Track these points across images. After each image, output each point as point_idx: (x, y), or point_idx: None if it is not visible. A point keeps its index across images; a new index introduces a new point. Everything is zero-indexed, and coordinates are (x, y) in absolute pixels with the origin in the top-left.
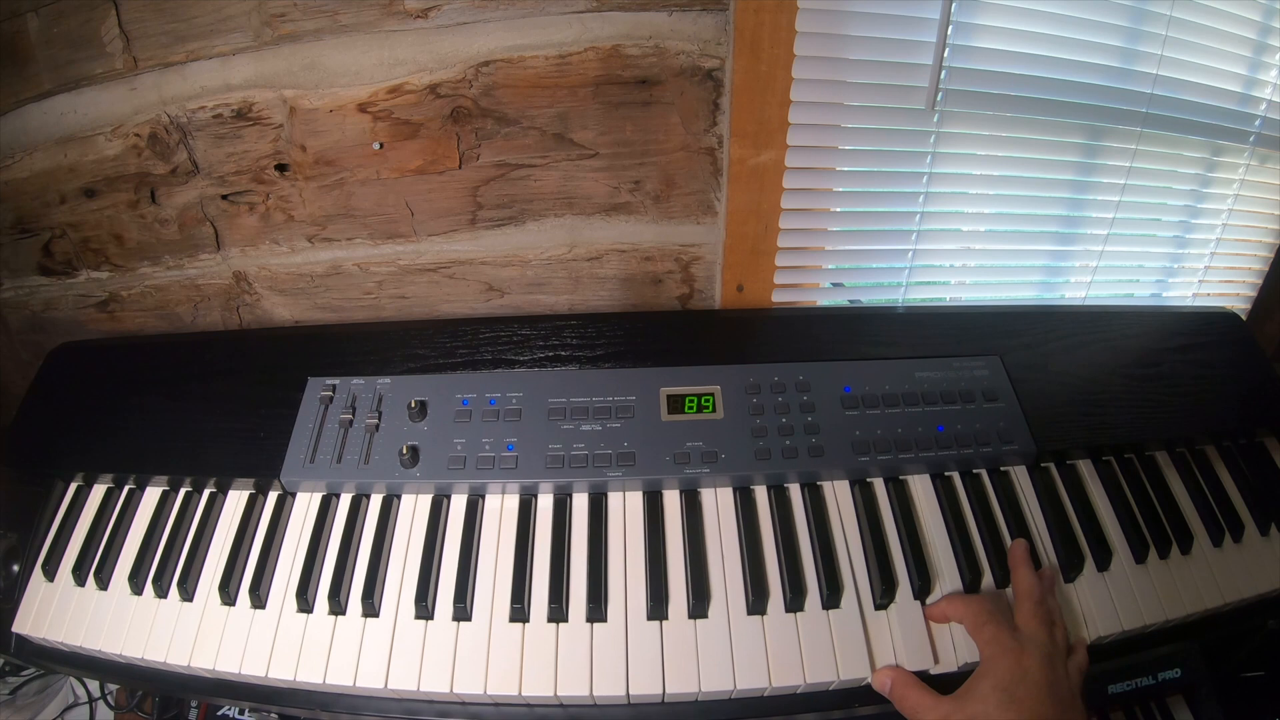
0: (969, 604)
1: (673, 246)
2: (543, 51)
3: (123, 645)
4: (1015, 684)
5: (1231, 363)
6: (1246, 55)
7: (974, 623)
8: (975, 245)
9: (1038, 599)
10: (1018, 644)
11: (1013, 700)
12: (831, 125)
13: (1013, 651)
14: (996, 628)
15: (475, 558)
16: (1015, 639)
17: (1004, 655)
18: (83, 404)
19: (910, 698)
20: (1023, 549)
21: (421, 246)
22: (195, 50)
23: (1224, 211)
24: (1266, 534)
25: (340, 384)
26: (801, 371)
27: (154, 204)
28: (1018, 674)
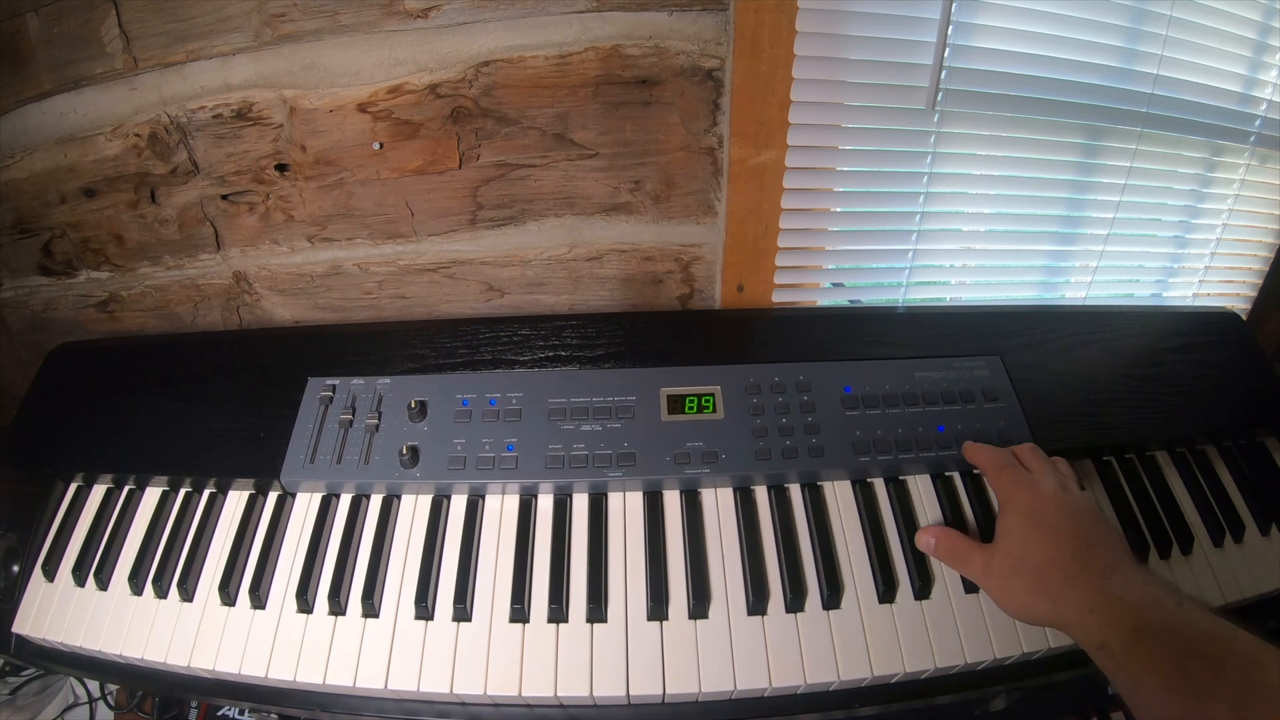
0: (992, 452)
1: (673, 246)
2: (543, 51)
3: (123, 645)
4: (1038, 509)
5: (1231, 363)
6: (1246, 55)
7: (994, 466)
8: (975, 245)
9: (1031, 447)
10: (1031, 479)
11: (1039, 523)
12: (831, 125)
13: (1028, 485)
14: (1013, 469)
15: (475, 558)
16: (1028, 475)
17: (1020, 489)
18: (83, 404)
19: (956, 549)
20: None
21: (421, 246)
22: (195, 50)
23: (1224, 211)
24: (1267, 534)
25: (340, 384)
26: (802, 371)
27: (154, 204)
28: (1037, 501)
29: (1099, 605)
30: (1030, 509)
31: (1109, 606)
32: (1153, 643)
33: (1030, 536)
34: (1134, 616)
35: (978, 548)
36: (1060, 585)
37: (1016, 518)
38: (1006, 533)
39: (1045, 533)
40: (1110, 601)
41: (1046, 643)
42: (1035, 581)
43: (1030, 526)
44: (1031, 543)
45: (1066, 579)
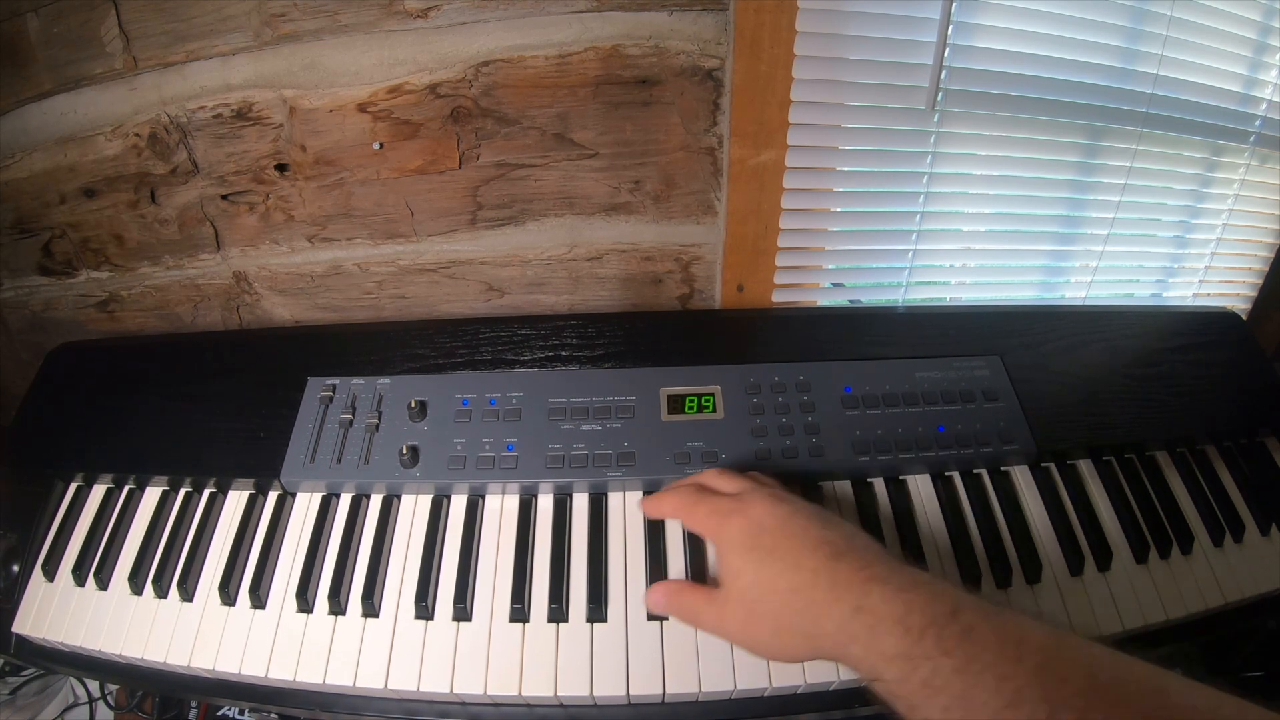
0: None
1: (673, 246)
2: (543, 51)
3: (123, 645)
4: (756, 536)
5: (1231, 363)
6: (1246, 55)
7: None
8: (975, 245)
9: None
10: (734, 502)
11: (766, 551)
12: (831, 125)
13: (734, 511)
14: (710, 501)
15: (475, 558)
16: (729, 499)
17: (728, 520)
18: (82, 404)
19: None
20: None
21: (421, 246)
22: (195, 50)
23: (1224, 211)
24: (1267, 534)
25: (340, 384)
26: (801, 371)
27: (154, 204)
28: (751, 527)
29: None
30: (747, 540)
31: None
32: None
33: (759, 573)
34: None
35: (707, 599)
36: (812, 617)
37: (737, 554)
38: (733, 576)
39: (775, 562)
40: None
41: None
42: (782, 624)
43: (757, 561)
44: (762, 580)
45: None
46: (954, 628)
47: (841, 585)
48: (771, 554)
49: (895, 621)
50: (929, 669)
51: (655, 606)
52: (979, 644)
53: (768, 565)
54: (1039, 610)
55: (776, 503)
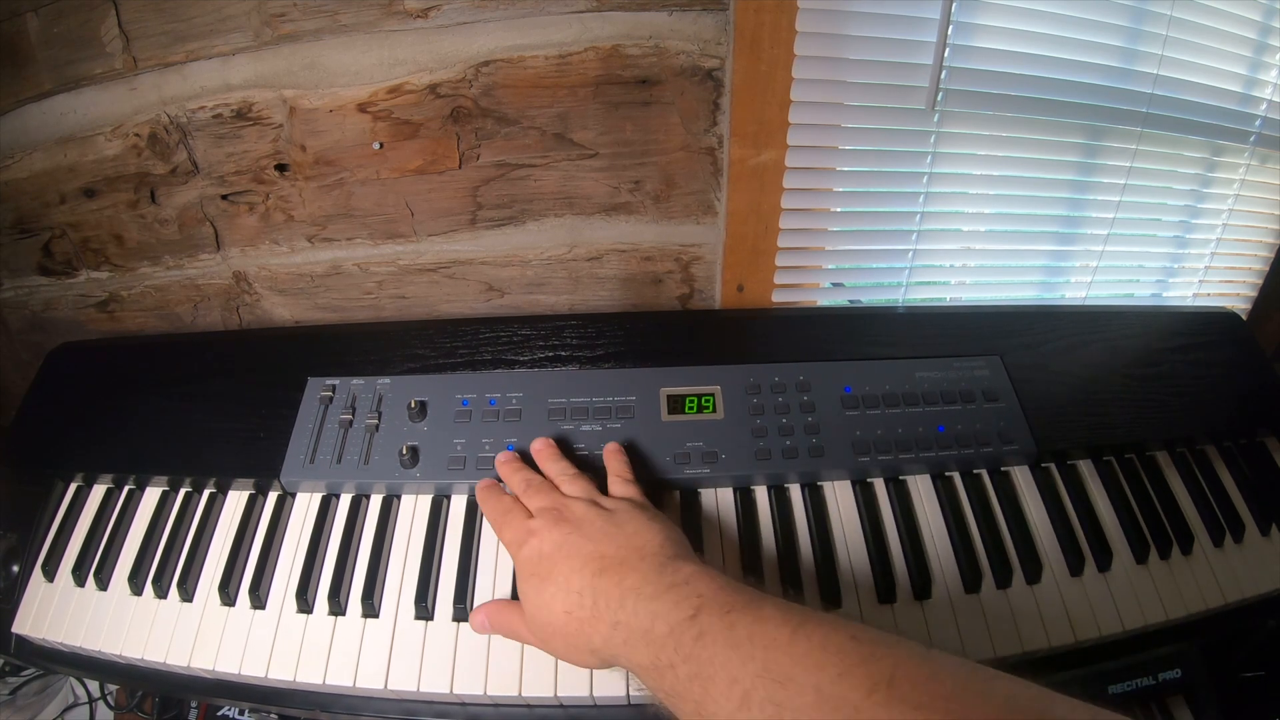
0: (494, 506)
1: (673, 246)
2: (543, 51)
3: (122, 646)
4: (535, 563)
5: (1231, 363)
6: (1246, 55)
7: (495, 524)
8: (975, 245)
9: (528, 483)
10: (526, 531)
11: (543, 578)
12: (831, 125)
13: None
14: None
15: (475, 558)
16: (525, 527)
17: (518, 549)
18: (83, 404)
19: (504, 621)
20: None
21: (421, 246)
22: (195, 50)
23: (1224, 211)
24: (1267, 534)
25: (340, 384)
26: (802, 371)
27: (154, 204)
28: (534, 556)
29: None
30: (530, 568)
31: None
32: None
33: (539, 597)
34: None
35: (519, 619)
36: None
37: (523, 580)
38: (525, 600)
39: (549, 585)
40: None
41: (1046, 642)
42: (566, 640)
43: (535, 586)
44: (542, 603)
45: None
46: (690, 633)
47: (602, 601)
48: (547, 579)
49: (642, 633)
50: (671, 677)
51: (479, 627)
52: (710, 647)
53: (543, 591)
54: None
55: (556, 524)
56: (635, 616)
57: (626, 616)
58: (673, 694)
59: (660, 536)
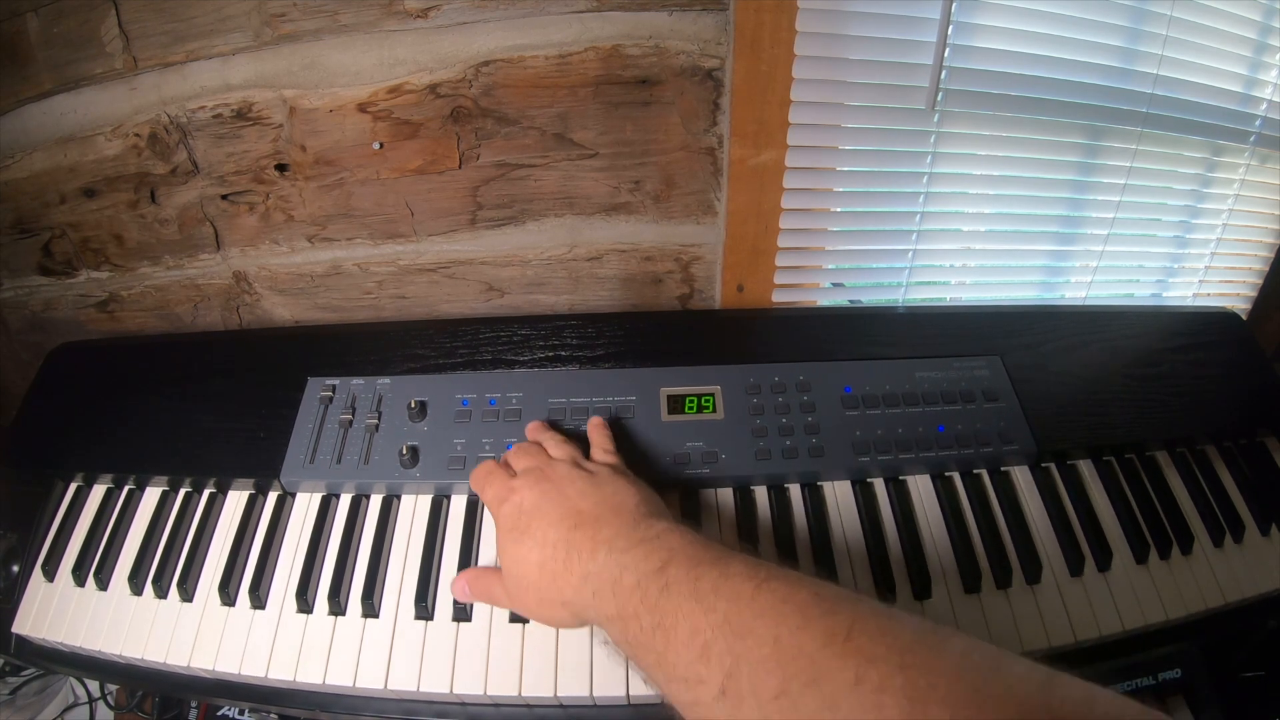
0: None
1: (673, 246)
2: (543, 51)
3: (122, 645)
4: (514, 518)
5: (1231, 363)
6: (1246, 55)
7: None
8: (975, 245)
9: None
10: (507, 488)
11: (521, 531)
12: (831, 125)
13: (504, 499)
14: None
15: (475, 558)
16: (507, 485)
17: (499, 506)
18: (83, 404)
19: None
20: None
21: (421, 246)
22: (195, 50)
23: (1224, 211)
24: (1267, 534)
25: (340, 384)
26: (801, 371)
27: (154, 204)
28: (513, 512)
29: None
30: (509, 524)
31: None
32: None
33: (515, 551)
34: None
35: (494, 580)
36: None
37: (502, 535)
38: (501, 556)
39: (526, 539)
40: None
41: (1046, 642)
42: (539, 594)
43: (513, 540)
44: (518, 556)
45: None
46: (656, 584)
47: (575, 554)
48: (525, 533)
49: (611, 583)
50: (635, 627)
51: (460, 594)
52: (674, 599)
53: (521, 544)
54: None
55: (537, 483)
56: (605, 568)
57: (597, 568)
58: (636, 644)
59: (637, 496)
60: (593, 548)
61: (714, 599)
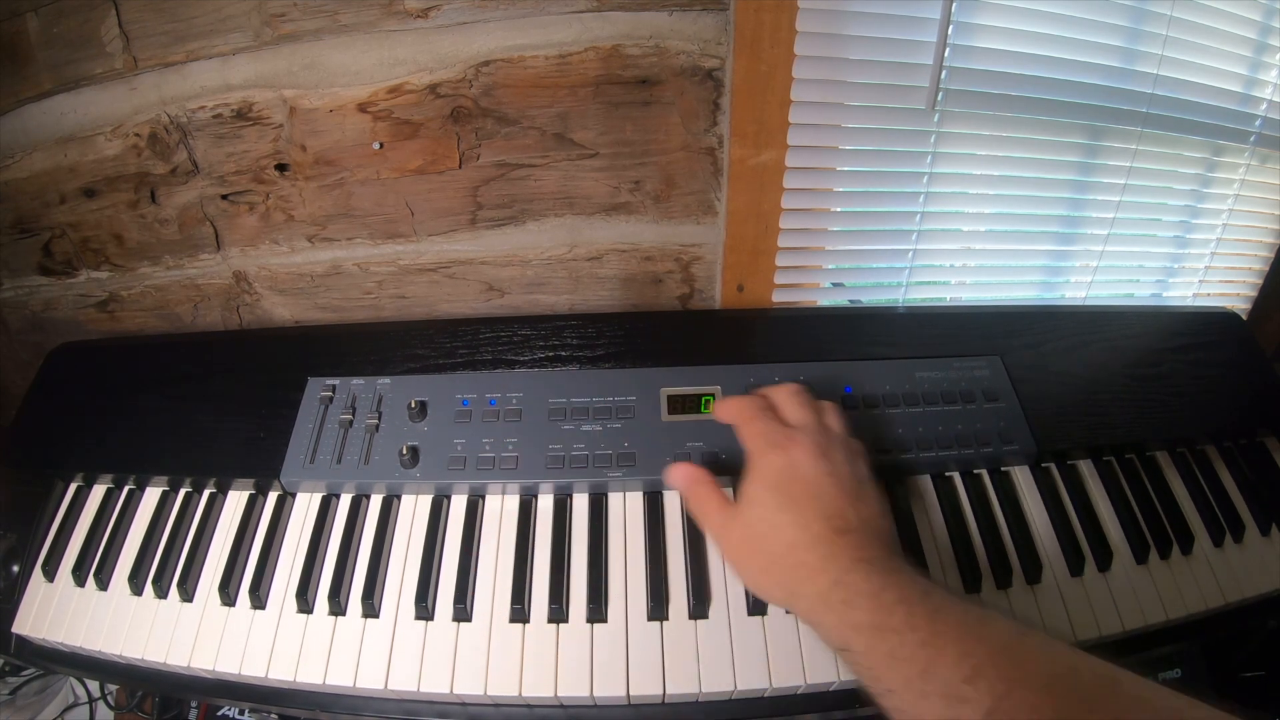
0: (742, 401)
1: (673, 246)
2: (543, 51)
3: (123, 646)
4: (787, 480)
5: (1232, 363)
6: (1246, 55)
7: (745, 417)
8: (975, 245)
9: (792, 391)
10: (785, 436)
11: (787, 498)
12: (832, 125)
13: (779, 446)
14: (765, 422)
15: (475, 558)
16: (784, 432)
17: (771, 450)
18: (83, 404)
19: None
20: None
21: (421, 246)
22: (195, 50)
23: (1224, 211)
24: (1267, 534)
25: (340, 384)
26: (802, 371)
27: (154, 204)
28: (787, 469)
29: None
30: (777, 479)
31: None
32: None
33: (772, 514)
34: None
35: (720, 505)
36: (799, 577)
37: (762, 487)
38: (749, 503)
39: (789, 512)
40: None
41: None
42: (771, 567)
43: (775, 503)
44: (772, 522)
45: (804, 570)
46: (924, 606)
47: (833, 558)
48: (791, 502)
49: (870, 595)
50: (895, 641)
51: (673, 480)
52: (945, 622)
53: (783, 511)
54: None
55: (818, 457)
56: (866, 581)
57: (855, 580)
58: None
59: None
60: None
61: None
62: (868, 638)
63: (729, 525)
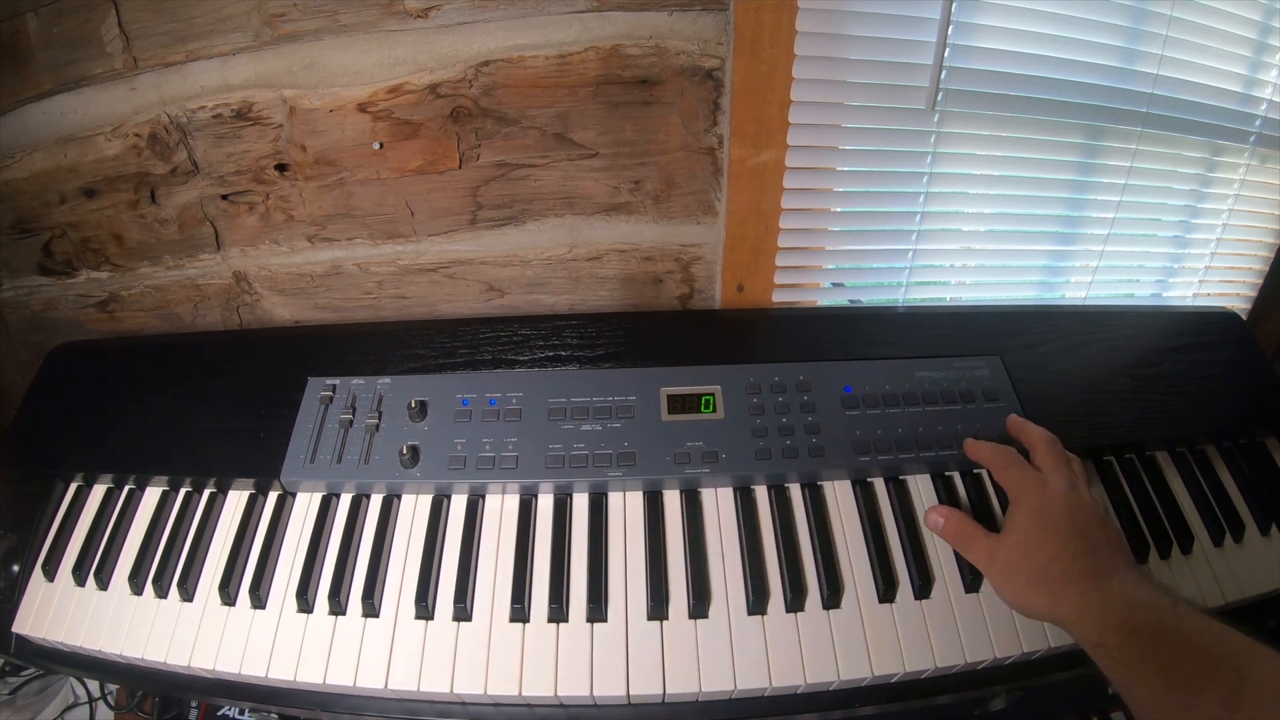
0: (995, 449)
1: (673, 246)
2: (543, 51)
3: (123, 645)
4: (1046, 510)
5: (1231, 363)
6: (1246, 55)
7: (1000, 465)
8: (975, 245)
9: (1050, 440)
10: (1041, 478)
11: (1046, 524)
12: (831, 125)
13: (1038, 484)
14: (1020, 468)
15: (475, 558)
16: (1037, 474)
17: (1031, 487)
18: (83, 404)
19: (963, 532)
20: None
21: (421, 246)
22: (195, 50)
23: (1224, 211)
24: (1267, 534)
25: (340, 384)
26: (802, 371)
27: (154, 204)
28: (1046, 501)
29: (1096, 604)
30: (1039, 507)
31: (1106, 605)
32: (1147, 641)
33: (1036, 535)
34: (1130, 616)
35: (984, 535)
36: (1060, 584)
37: (1026, 514)
38: (1015, 529)
39: (1051, 532)
40: (1107, 600)
41: (1047, 642)
42: (1037, 578)
43: (1038, 526)
44: (1037, 541)
45: (1066, 578)
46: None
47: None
48: (1052, 528)
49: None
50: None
51: (934, 526)
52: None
53: (1045, 533)
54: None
55: (1070, 490)
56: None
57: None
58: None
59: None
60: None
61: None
62: (1124, 636)
63: (996, 551)
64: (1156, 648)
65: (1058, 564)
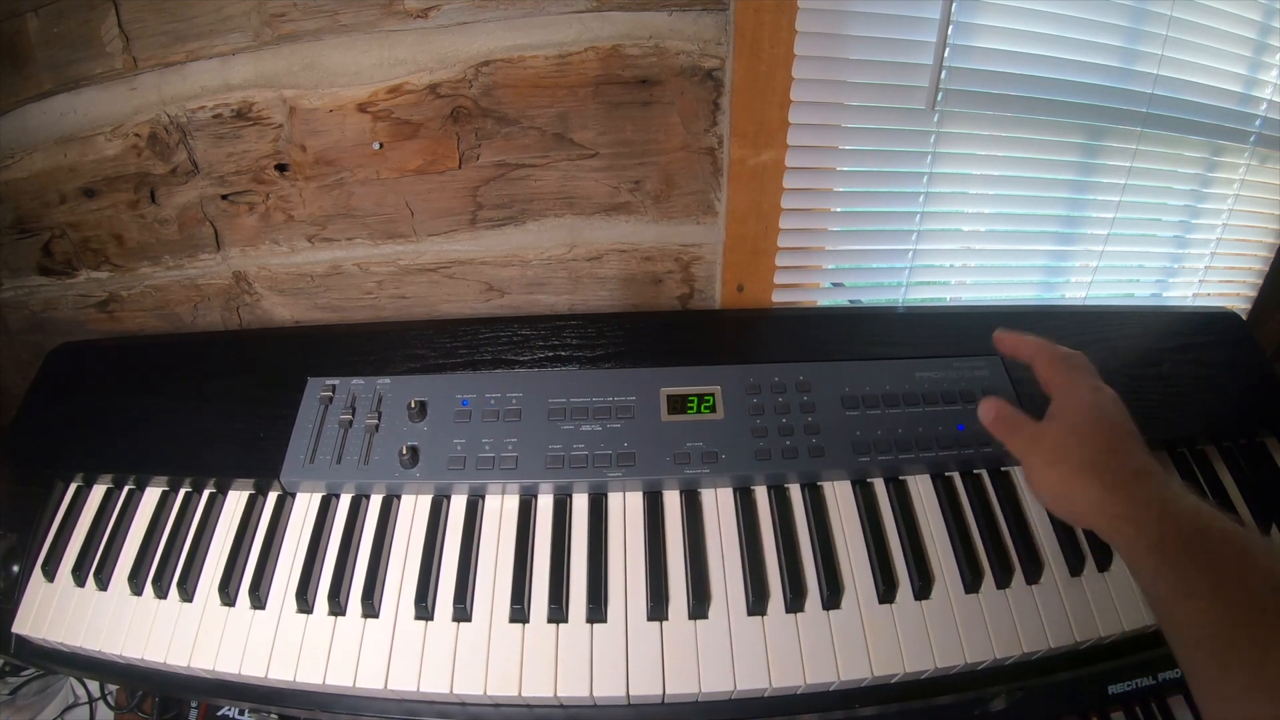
0: (1043, 346)
1: (673, 246)
2: (543, 51)
3: (122, 646)
4: (1104, 404)
5: (1231, 363)
6: (1246, 55)
7: (1048, 356)
8: (975, 245)
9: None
10: (1095, 378)
11: (1105, 415)
12: (831, 125)
13: (1090, 388)
14: (1071, 369)
15: (475, 558)
16: (1089, 374)
17: (1086, 379)
18: (82, 404)
19: (1009, 418)
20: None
21: (421, 246)
22: (195, 50)
23: (1224, 211)
24: (1267, 534)
25: (340, 384)
26: (801, 371)
27: (154, 204)
28: (1104, 398)
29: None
30: (1095, 401)
31: (1167, 505)
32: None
33: (1092, 424)
34: (1195, 519)
35: (1029, 421)
36: (1120, 475)
37: (1079, 406)
38: (1066, 414)
39: (1109, 425)
40: (1169, 499)
41: (1047, 642)
42: (1090, 465)
43: (1095, 416)
44: (1092, 429)
45: (1127, 470)
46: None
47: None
48: (1110, 422)
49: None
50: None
51: (984, 415)
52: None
53: (1102, 425)
54: None
55: (1115, 404)
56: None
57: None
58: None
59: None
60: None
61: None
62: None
63: (1040, 438)
64: (1220, 559)
65: (1116, 455)
